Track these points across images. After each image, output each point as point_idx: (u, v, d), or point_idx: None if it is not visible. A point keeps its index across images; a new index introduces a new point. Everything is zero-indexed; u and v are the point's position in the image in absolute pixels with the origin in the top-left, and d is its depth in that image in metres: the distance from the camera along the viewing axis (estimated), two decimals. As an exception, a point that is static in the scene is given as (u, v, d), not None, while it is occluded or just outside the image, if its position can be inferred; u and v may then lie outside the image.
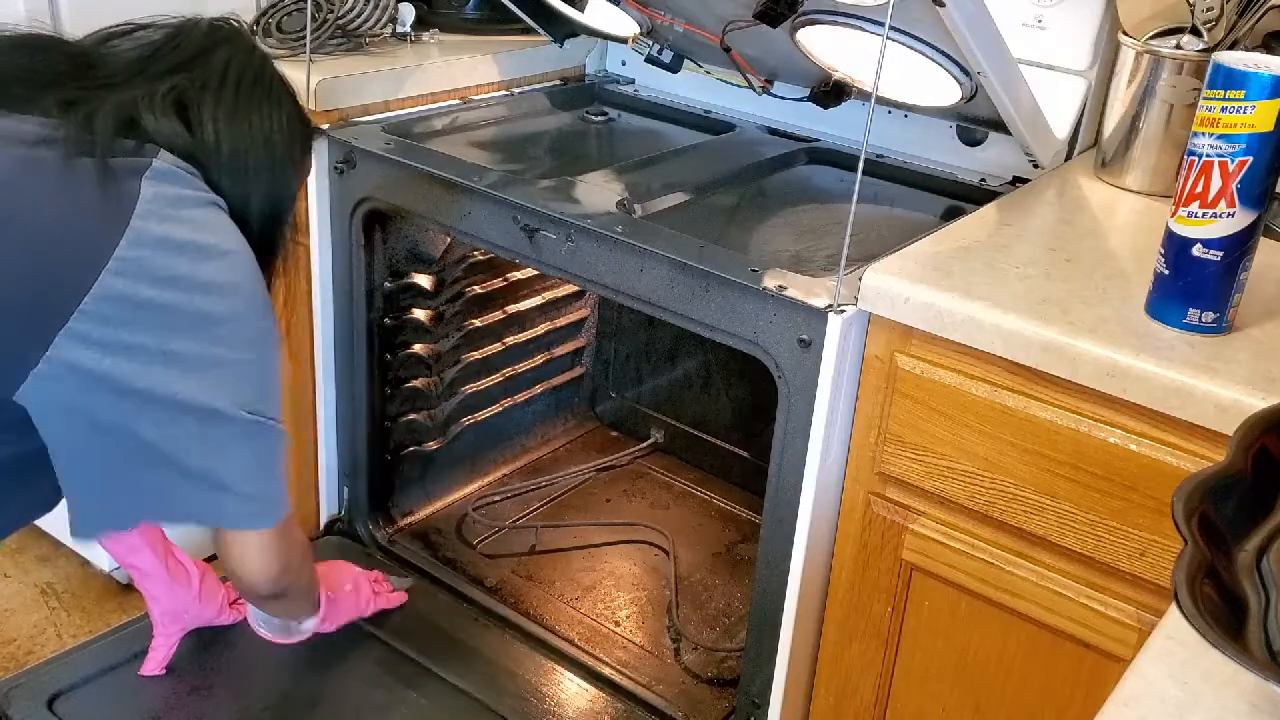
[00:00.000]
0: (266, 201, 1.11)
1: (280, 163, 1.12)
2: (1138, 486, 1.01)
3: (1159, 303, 1.05)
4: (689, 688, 1.54)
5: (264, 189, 1.11)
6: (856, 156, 1.13)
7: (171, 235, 1.00)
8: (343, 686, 1.45)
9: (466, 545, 1.79)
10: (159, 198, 1.00)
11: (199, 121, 1.07)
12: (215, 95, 1.09)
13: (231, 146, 1.08)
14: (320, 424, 1.71)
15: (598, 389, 2.16)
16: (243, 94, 1.10)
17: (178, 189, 1.02)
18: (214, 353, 1.01)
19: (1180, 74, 1.35)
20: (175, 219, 1.00)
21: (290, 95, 1.17)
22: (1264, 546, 0.66)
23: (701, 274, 1.22)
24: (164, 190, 1.00)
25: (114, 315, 0.96)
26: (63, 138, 1.01)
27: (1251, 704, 0.61)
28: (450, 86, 1.71)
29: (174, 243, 1.00)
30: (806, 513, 1.20)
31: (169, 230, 1.00)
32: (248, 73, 1.12)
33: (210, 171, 1.07)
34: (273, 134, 1.11)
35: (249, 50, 1.14)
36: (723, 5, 1.44)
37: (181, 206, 1.01)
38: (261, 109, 1.11)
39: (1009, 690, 1.17)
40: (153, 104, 1.05)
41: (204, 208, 1.04)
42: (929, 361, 1.11)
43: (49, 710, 1.37)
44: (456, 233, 1.48)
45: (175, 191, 1.01)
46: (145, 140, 1.04)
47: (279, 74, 1.16)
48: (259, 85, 1.12)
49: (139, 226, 0.98)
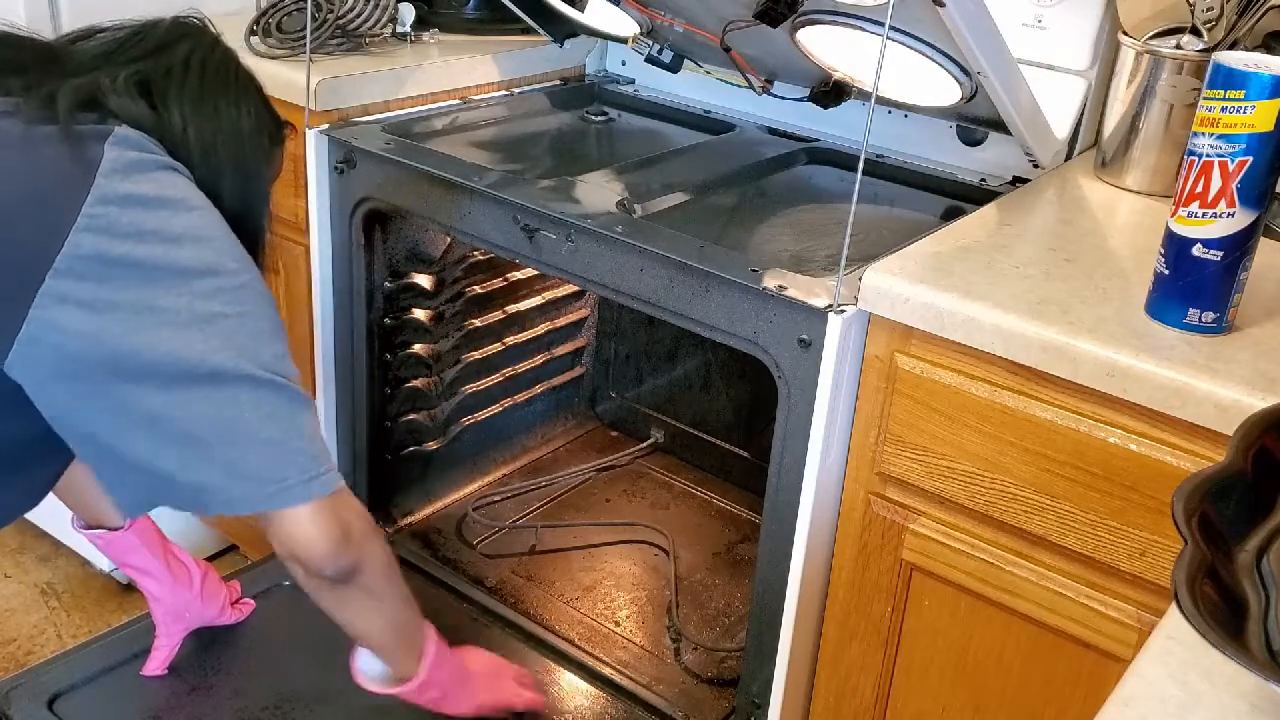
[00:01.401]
0: (238, 191, 1.09)
1: (250, 152, 1.11)
2: (1138, 486, 1.01)
3: (1159, 303, 1.05)
4: (689, 688, 1.54)
5: (234, 178, 1.09)
6: (856, 156, 1.13)
7: (137, 191, 0.98)
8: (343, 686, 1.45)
9: (466, 545, 1.79)
10: (122, 159, 0.99)
11: (164, 105, 1.06)
12: (180, 81, 1.08)
13: (198, 131, 1.06)
14: (320, 424, 1.71)
15: (598, 389, 2.16)
16: (208, 82, 1.09)
17: (141, 153, 1.01)
18: (201, 307, 0.98)
19: (1180, 74, 1.35)
20: (140, 178, 0.99)
21: (257, 88, 1.15)
22: (1264, 546, 0.66)
23: (701, 274, 1.22)
24: (127, 153, 0.99)
25: (89, 272, 0.94)
26: (24, 111, 1.01)
27: (1251, 704, 0.61)
28: (450, 86, 1.71)
29: (140, 198, 0.98)
30: (806, 513, 1.20)
31: (134, 187, 0.98)
32: (210, 62, 1.11)
33: (178, 154, 1.05)
34: (239, 122, 1.10)
35: (213, 44, 1.13)
36: (723, 5, 1.44)
37: (145, 168, 1.00)
38: (228, 97, 1.10)
39: (1009, 690, 1.17)
40: (115, 85, 1.04)
41: (168, 170, 1.02)
42: (929, 361, 1.11)
43: (49, 710, 1.37)
44: (456, 233, 1.48)
45: (138, 155, 1.00)
46: (109, 117, 1.03)
47: (245, 67, 1.15)
48: (224, 74, 1.11)
49: (104, 184, 0.96)
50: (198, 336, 0.97)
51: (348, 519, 1.06)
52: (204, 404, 0.98)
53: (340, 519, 1.04)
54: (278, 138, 1.18)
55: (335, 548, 1.04)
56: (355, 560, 1.07)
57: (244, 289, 1.02)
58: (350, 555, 1.06)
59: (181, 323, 0.97)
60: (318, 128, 1.54)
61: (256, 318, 1.02)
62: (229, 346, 0.98)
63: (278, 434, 1.00)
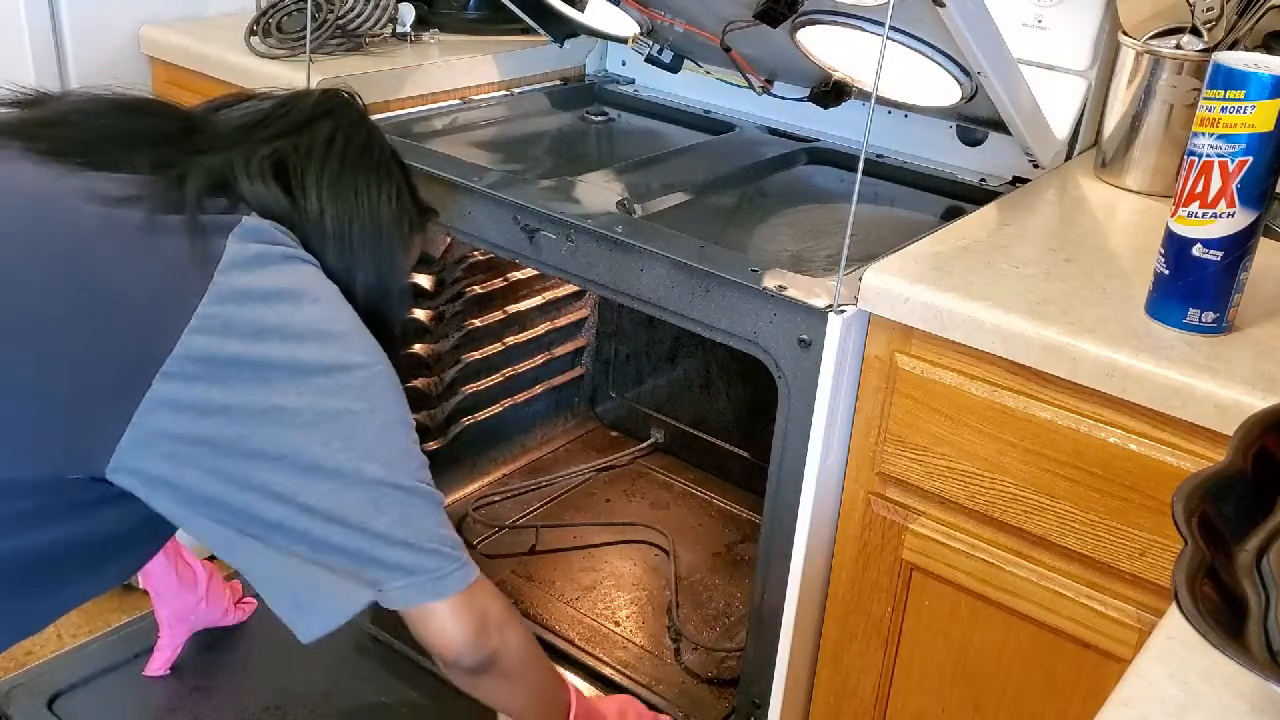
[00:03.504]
0: (373, 280, 1.03)
1: (387, 238, 1.05)
2: (1138, 486, 1.01)
3: (1159, 303, 1.05)
4: (689, 688, 1.54)
5: (370, 265, 1.03)
6: (856, 156, 1.13)
7: (256, 286, 0.92)
8: (343, 686, 1.45)
9: (466, 545, 1.79)
10: (245, 252, 0.92)
11: (300, 188, 1.01)
12: (320, 162, 1.03)
13: (335, 216, 1.01)
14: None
15: (598, 389, 2.16)
16: (349, 163, 1.04)
17: (266, 245, 0.95)
18: (323, 405, 0.92)
19: (1180, 74, 1.35)
20: (261, 271, 0.93)
21: (402, 170, 1.11)
22: (1264, 546, 0.66)
23: (701, 274, 1.22)
24: (251, 246, 0.93)
25: (201, 374, 0.89)
26: (149, 195, 0.94)
27: (1251, 704, 0.61)
28: (450, 86, 1.71)
29: (260, 293, 0.92)
30: (806, 513, 1.20)
31: (254, 281, 0.92)
32: (354, 142, 1.06)
33: (311, 241, 1.00)
34: (379, 207, 1.04)
35: (358, 121, 1.09)
36: (723, 5, 1.44)
37: (269, 261, 0.94)
38: (369, 180, 1.05)
39: (1009, 690, 1.17)
40: (249, 167, 0.99)
41: (293, 262, 0.96)
42: (929, 361, 1.11)
43: (49, 710, 1.37)
44: (456, 233, 1.47)
45: (263, 247, 0.94)
46: (239, 202, 0.98)
47: (391, 148, 1.11)
48: (367, 156, 1.06)
49: (222, 281, 0.90)
50: (323, 436, 0.92)
51: (484, 608, 1.02)
52: (330, 504, 0.92)
53: (476, 612, 1.01)
54: (419, 224, 1.13)
55: (471, 640, 1.00)
56: (493, 651, 1.03)
57: (374, 385, 0.96)
58: (488, 646, 1.02)
59: (300, 422, 0.91)
60: (318, 128, 1.54)
61: (387, 416, 0.96)
62: (357, 449, 0.93)
63: (411, 532, 0.96)
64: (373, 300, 1.03)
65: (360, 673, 1.47)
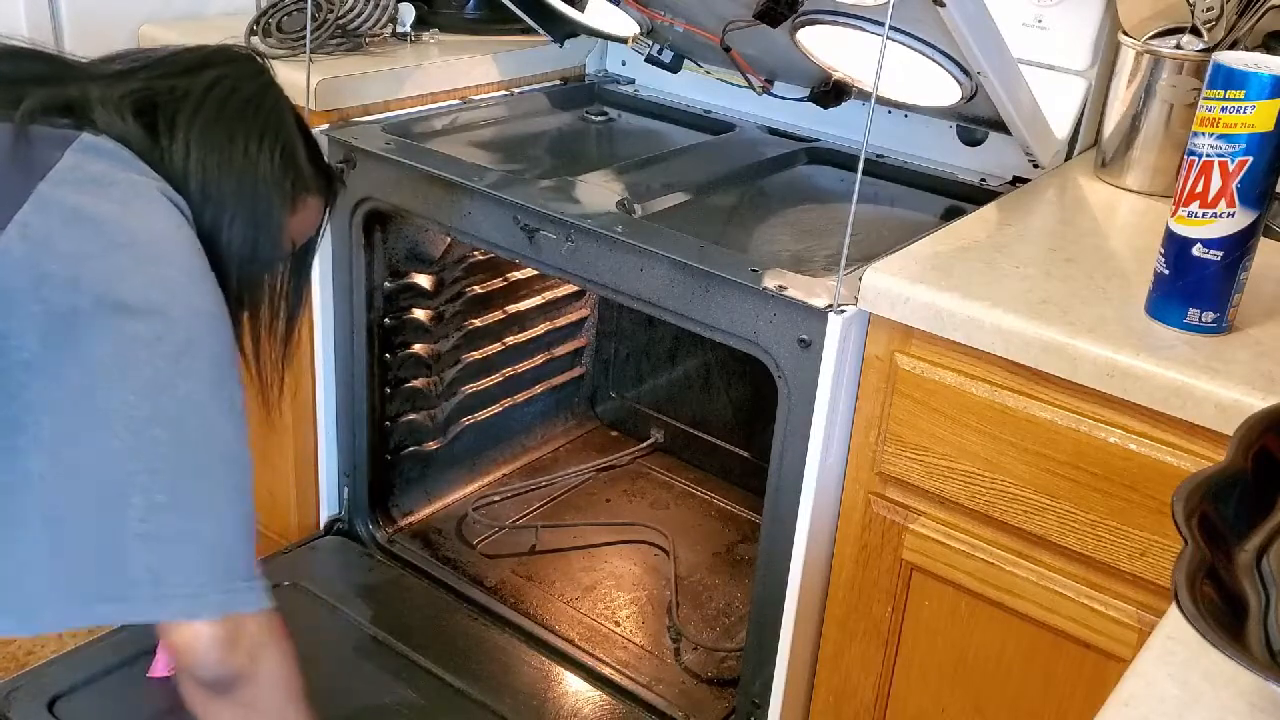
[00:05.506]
0: (242, 234, 0.95)
1: (264, 193, 0.97)
2: (1138, 486, 1.01)
3: (1159, 303, 1.05)
4: (689, 688, 1.54)
5: (240, 218, 0.95)
6: (856, 156, 1.13)
7: (86, 208, 0.83)
8: (343, 686, 1.45)
9: (466, 545, 1.79)
10: (81, 168, 0.84)
11: (168, 129, 0.93)
12: (194, 106, 0.95)
13: (200, 160, 0.93)
14: (320, 424, 1.71)
15: (598, 389, 2.16)
16: (228, 112, 0.96)
17: (109, 165, 0.86)
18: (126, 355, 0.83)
19: (1180, 74, 1.35)
20: (97, 193, 0.84)
21: (303, 133, 1.02)
22: (1264, 546, 0.66)
23: (701, 274, 1.22)
24: (91, 163, 0.85)
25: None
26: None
27: (1251, 704, 0.61)
28: (450, 86, 1.71)
29: (89, 217, 0.83)
30: (806, 513, 1.20)
31: (84, 202, 0.83)
32: (239, 93, 0.98)
33: (172, 185, 0.92)
34: (257, 159, 0.96)
35: (251, 75, 1.01)
36: (723, 5, 1.44)
37: (111, 184, 0.85)
38: (249, 130, 0.97)
39: (1009, 690, 1.17)
40: (107, 98, 0.91)
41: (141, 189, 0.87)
42: (929, 361, 1.11)
43: (49, 712, 1.37)
44: (456, 233, 1.48)
45: (104, 166, 0.86)
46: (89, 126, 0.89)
47: (296, 113, 1.03)
48: (252, 109, 0.98)
49: (46, 192, 0.82)
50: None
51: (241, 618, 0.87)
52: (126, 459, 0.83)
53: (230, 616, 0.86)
54: (310, 186, 1.04)
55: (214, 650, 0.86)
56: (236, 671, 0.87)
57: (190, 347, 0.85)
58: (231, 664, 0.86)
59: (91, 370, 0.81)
60: (318, 128, 1.54)
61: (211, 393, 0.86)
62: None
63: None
64: (241, 257, 0.95)
65: (360, 673, 1.47)
